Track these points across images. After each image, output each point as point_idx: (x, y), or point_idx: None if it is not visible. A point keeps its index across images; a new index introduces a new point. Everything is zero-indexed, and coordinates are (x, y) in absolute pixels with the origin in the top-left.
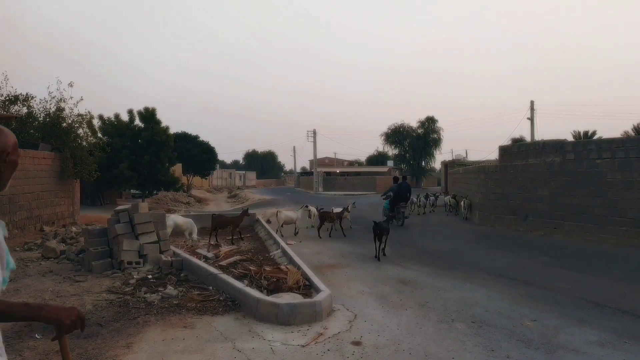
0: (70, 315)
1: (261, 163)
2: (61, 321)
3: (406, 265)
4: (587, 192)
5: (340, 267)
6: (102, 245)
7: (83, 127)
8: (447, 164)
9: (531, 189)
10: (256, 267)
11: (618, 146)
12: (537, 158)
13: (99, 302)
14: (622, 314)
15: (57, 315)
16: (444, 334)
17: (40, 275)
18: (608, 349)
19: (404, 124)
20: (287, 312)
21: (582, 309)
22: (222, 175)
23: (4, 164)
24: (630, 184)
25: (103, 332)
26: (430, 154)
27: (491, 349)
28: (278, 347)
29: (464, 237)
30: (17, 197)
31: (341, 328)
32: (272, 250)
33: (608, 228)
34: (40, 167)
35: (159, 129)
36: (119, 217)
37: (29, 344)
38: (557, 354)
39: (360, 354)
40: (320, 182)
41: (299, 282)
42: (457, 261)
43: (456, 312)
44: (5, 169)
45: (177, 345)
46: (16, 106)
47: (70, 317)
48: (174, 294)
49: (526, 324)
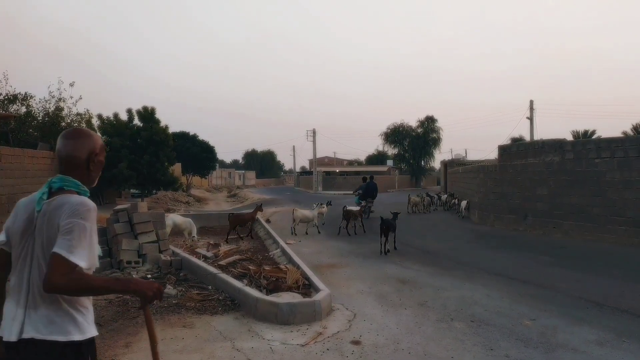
0: (151, 287)
1: (260, 162)
2: (145, 292)
3: (405, 264)
4: (587, 191)
5: (340, 267)
6: (101, 244)
7: (82, 126)
8: (447, 163)
9: (530, 189)
10: (255, 266)
11: (617, 146)
12: (537, 157)
13: (97, 301)
14: (621, 313)
15: (142, 287)
16: (443, 333)
17: None
18: (607, 348)
19: (403, 123)
20: (286, 311)
21: (581, 308)
22: (221, 175)
23: (93, 164)
24: (629, 183)
25: (102, 332)
26: (430, 153)
27: (490, 348)
28: (277, 346)
29: (464, 237)
30: (16, 196)
31: (340, 327)
32: (271, 250)
33: (607, 227)
34: (39, 167)
35: (158, 129)
36: (118, 216)
37: None
38: (556, 353)
39: (360, 354)
40: (320, 182)
41: (299, 282)
42: (457, 260)
43: (455, 311)
44: (94, 167)
45: (177, 344)
46: (15, 105)
47: (152, 289)
48: (173, 294)
49: (525, 323)
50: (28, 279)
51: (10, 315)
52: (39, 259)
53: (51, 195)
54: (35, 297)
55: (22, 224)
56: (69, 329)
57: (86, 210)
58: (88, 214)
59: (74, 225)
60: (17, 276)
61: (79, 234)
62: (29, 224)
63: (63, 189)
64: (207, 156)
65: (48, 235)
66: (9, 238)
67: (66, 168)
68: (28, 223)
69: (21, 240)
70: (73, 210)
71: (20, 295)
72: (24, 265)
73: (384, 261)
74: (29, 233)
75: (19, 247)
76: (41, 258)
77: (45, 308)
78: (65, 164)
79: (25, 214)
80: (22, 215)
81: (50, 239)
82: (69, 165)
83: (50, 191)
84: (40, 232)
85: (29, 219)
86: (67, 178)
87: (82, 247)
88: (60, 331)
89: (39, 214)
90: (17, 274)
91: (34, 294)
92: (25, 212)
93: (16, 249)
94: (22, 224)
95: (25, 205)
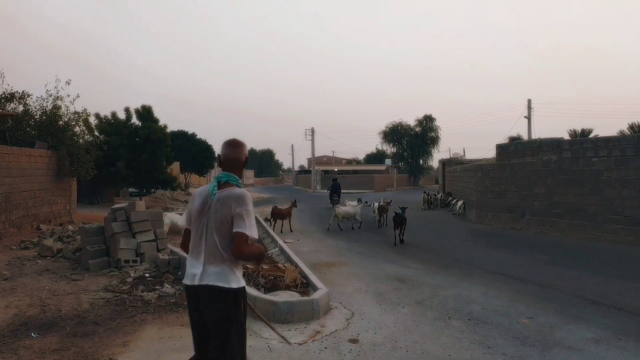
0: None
1: (259, 161)
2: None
3: (403, 262)
4: (584, 190)
5: (338, 265)
6: (99, 243)
7: (80, 125)
8: (445, 162)
9: (528, 187)
10: (254, 265)
11: (614, 144)
12: (534, 156)
13: (95, 300)
14: (618, 311)
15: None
16: (440, 332)
17: (36, 273)
18: (603, 345)
19: (402, 122)
20: (284, 310)
21: (577, 307)
22: (219, 174)
23: (245, 164)
24: (626, 182)
25: (100, 331)
26: (428, 152)
27: (487, 346)
28: (275, 345)
29: (461, 235)
30: (13, 195)
31: (338, 326)
32: (270, 249)
33: (604, 226)
34: (37, 165)
35: (157, 127)
36: (116, 215)
37: (25, 343)
38: (552, 351)
39: (357, 352)
40: (318, 181)
41: (297, 280)
42: (454, 259)
43: (453, 309)
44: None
45: (174, 343)
46: (12, 104)
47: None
48: (171, 292)
49: (522, 321)
50: (205, 244)
51: (193, 269)
52: (213, 230)
53: (220, 187)
54: (210, 257)
55: (198, 206)
56: (230, 280)
57: (248, 199)
58: (249, 202)
59: (243, 211)
60: (196, 243)
61: (248, 217)
62: (204, 205)
63: (228, 183)
64: (205, 155)
65: (221, 214)
66: (190, 218)
67: (230, 167)
68: (203, 205)
69: (198, 217)
70: (240, 201)
71: (200, 256)
72: (202, 235)
73: (382, 260)
74: (204, 212)
75: (197, 223)
76: (215, 229)
77: (215, 265)
78: (230, 165)
79: (200, 199)
80: (197, 200)
81: (223, 216)
82: (233, 165)
83: (219, 183)
84: (215, 212)
85: (203, 202)
86: (230, 175)
87: (252, 226)
88: (225, 280)
89: (214, 200)
90: (197, 242)
91: (208, 255)
92: (200, 198)
93: (194, 224)
94: (199, 206)
95: (200, 193)
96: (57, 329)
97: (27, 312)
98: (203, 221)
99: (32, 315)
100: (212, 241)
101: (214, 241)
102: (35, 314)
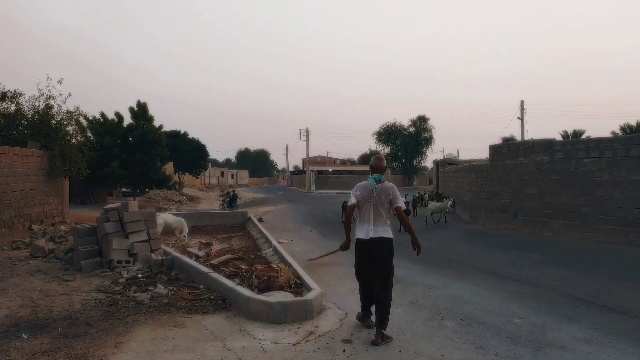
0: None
1: (253, 161)
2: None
3: (396, 262)
4: (576, 190)
5: (332, 265)
6: (91, 244)
7: (72, 124)
8: (439, 162)
9: (521, 188)
10: (247, 265)
11: (606, 146)
12: (527, 157)
13: (87, 301)
14: (609, 311)
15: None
16: (433, 332)
17: (28, 274)
18: (594, 345)
19: (396, 122)
20: (278, 310)
21: (569, 306)
22: (214, 174)
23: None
24: (617, 183)
25: (92, 332)
26: (422, 152)
27: (480, 346)
28: (268, 345)
29: (455, 235)
30: (5, 195)
31: (332, 326)
32: (263, 249)
33: (596, 226)
34: (29, 165)
35: (151, 127)
36: (109, 215)
37: (16, 344)
38: (544, 350)
39: (350, 352)
40: (313, 181)
41: (290, 281)
42: (448, 259)
43: (446, 309)
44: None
45: (167, 344)
46: (4, 103)
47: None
48: (164, 293)
49: (515, 321)
50: (373, 214)
51: (365, 229)
52: (379, 205)
53: (377, 182)
54: (377, 221)
55: (365, 194)
56: (390, 233)
57: (395, 188)
58: (396, 189)
59: (396, 195)
60: (365, 215)
61: (399, 197)
62: (369, 194)
63: (381, 180)
64: (199, 155)
65: (383, 197)
66: (358, 200)
67: (379, 171)
68: (369, 193)
69: (365, 201)
70: (393, 189)
71: (370, 220)
72: (369, 210)
73: None
74: (369, 198)
75: (364, 204)
76: (380, 205)
77: (380, 225)
78: (379, 169)
79: (365, 190)
80: (363, 190)
81: (384, 198)
82: (381, 170)
83: (376, 181)
84: (378, 198)
85: (369, 191)
86: (381, 176)
87: (402, 201)
88: (387, 233)
89: (377, 190)
90: (365, 214)
91: (375, 220)
92: (365, 189)
93: (362, 205)
94: (366, 194)
95: (364, 187)
96: (49, 330)
97: (19, 313)
98: (371, 201)
99: (23, 316)
100: (379, 212)
101: (380, 212)
102: (26, 315)
